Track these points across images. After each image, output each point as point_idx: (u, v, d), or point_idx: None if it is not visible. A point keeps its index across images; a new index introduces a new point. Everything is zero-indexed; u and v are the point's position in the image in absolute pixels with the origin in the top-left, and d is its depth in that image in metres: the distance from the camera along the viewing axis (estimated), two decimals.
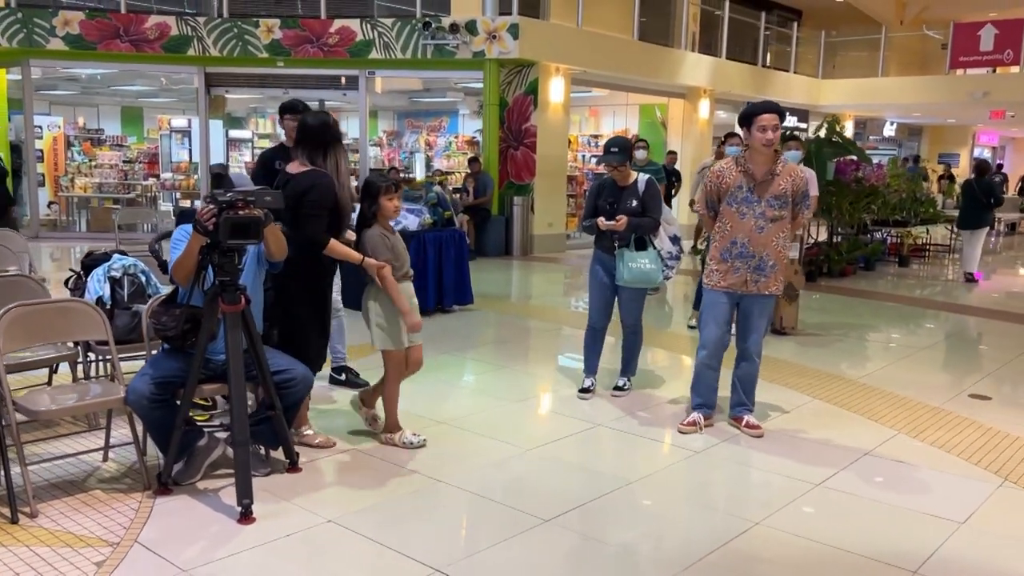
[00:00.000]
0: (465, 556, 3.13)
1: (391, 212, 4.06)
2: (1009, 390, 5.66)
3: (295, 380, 3.75)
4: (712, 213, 4.55)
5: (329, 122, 4.09)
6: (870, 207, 11.75)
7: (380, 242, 4.01)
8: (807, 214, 4.61)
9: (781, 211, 4.38)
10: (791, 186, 4.39)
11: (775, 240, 4.40)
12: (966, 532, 3.44)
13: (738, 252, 4.40)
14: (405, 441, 4.19)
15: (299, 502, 3.53)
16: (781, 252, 4.43)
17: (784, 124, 16.03)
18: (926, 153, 25.92)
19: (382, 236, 4.02)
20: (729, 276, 4.45)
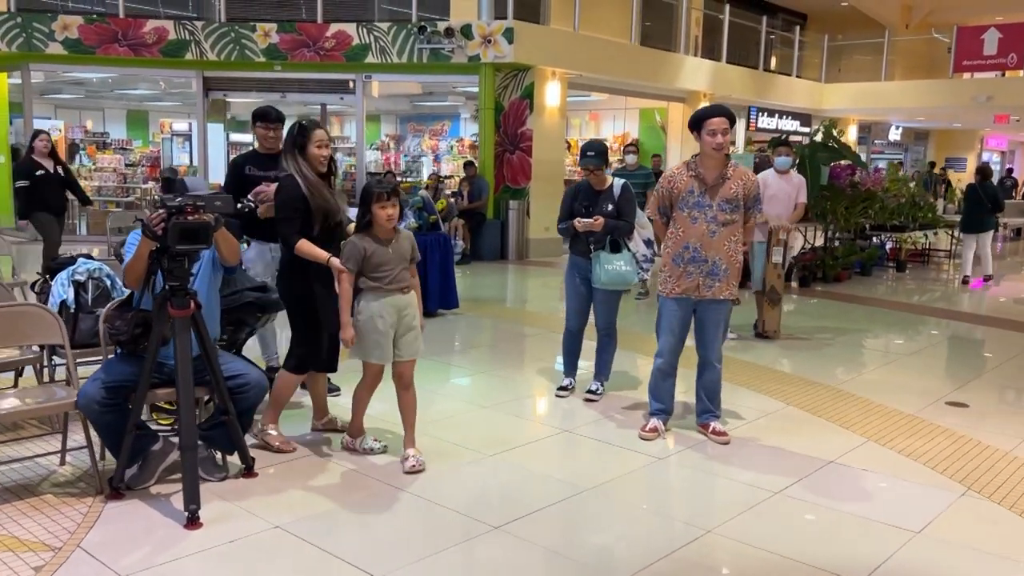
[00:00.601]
0: (408, 563, 3.11)
1: (383, 221, 3.84)
2: (987, 397, 5.60)
3: (249, 385, 3.74)
4: (665, 219, 4.54)
5: (293, 129, 4.12)
6: (867, 212, 11.68)
7: (351, 249, 3.88)
8: (758, 217, 4.58)
9: (732, 215, 4.36)
10: (742, 189, 4.37)
11: (727, 244, 4.37)
12: (920, 542, 3.40)
13: (690, 257, 4.38)
14: (365, 447, 4.14)
15: (249, 507, 3.52)
16: (733, 256, 4.41)
17: (786, 128, 15.92)
18: (933, 157, 25.75)
19: (355, 243, 3.87)
20: (682, 281, 4.42)
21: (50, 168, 8.43)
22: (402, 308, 3.93)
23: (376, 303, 3.87)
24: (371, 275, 3.86)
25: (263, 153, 5.06)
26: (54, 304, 4.24)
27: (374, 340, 3.88)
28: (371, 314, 3.87)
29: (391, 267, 3.88)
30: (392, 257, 3.89)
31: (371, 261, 3.85)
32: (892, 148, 25.43)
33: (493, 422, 4.87)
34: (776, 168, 7.35)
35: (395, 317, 3.90)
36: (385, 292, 3.87)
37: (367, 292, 3.88)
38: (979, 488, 3.96)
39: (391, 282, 3.88)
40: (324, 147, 4.07)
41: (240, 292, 4.37)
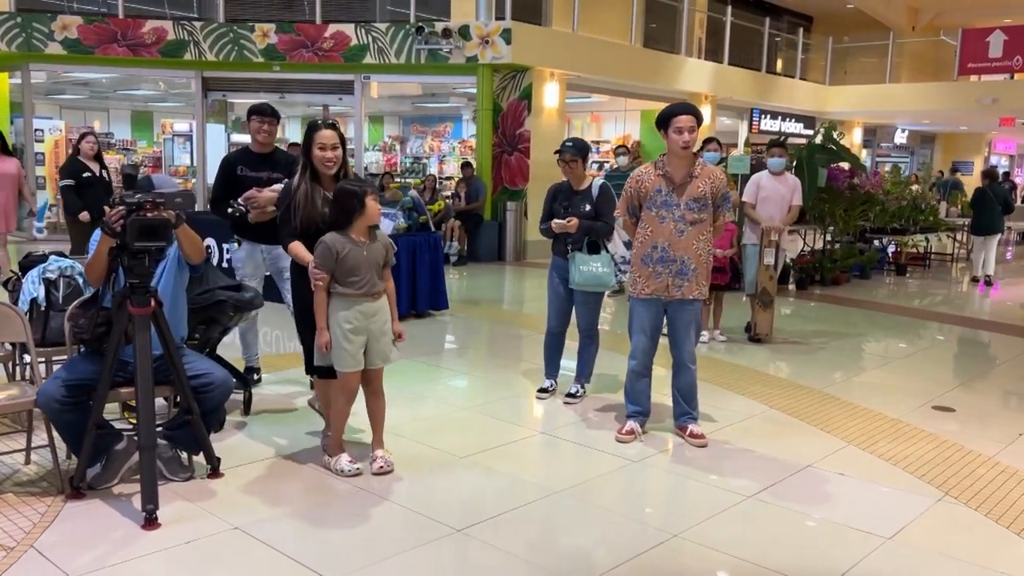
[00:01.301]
0: (363, 566, 3.06)
1: (375, 214, 3.72)
2: (975, 402, 5.52)
3: (214, 384, 3.70)
4: (634, 219, 4.48)
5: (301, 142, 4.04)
6: (866, 215, 11.59)
7: (322, 251, 3.67)
8: (727, 215, 4.51)
9: (700, 214, 4.30)
10: (710, 188, 4.31)
11: (695, 243, 4.32)
12: (890, 548, 3.33)
13: (659, 257, 4.33)
14: (339, 468, 3.85)
15: (210, 508, 3.48)
16: (702, 256, 4.35)
17: (789, 130, 15.80)
18: (939, 161, 25.59)
19: (328, 244, 3.66)
20: (651, 282, 4.37)
21: (96, 171, 8.05)
22: (371, 314, 3.77)
23: (345, 311, 3.71)
24: (342, 280, 3.68)
25: (256, 152, 4.99)
26: (24, 302, 4.22)
27: (343, 348, 3.72)
28: (339, 321, 3.71)
29: (363, 272, 3.70)
30: (366, 261, 3.70)
31: (344, 264, 3.66)
32: (898, 151, 25.26)
33: (470, 424, 4.82)
34: (770, 169, 7.27)
35: (364, 323, 3.74)
36: (355, 299, 3.71)
37: (336, 298, 3.72)
38: (957, 494, 3.89)
39: (361, 287, 3.71)
40: (327, 149, 3.81)
41: (212, 291, 4.34)
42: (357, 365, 3.78)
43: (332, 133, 3.82)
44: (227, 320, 4.46)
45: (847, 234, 11.72)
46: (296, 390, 5.26)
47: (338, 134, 3.86)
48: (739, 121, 18.14)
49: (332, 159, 3.82)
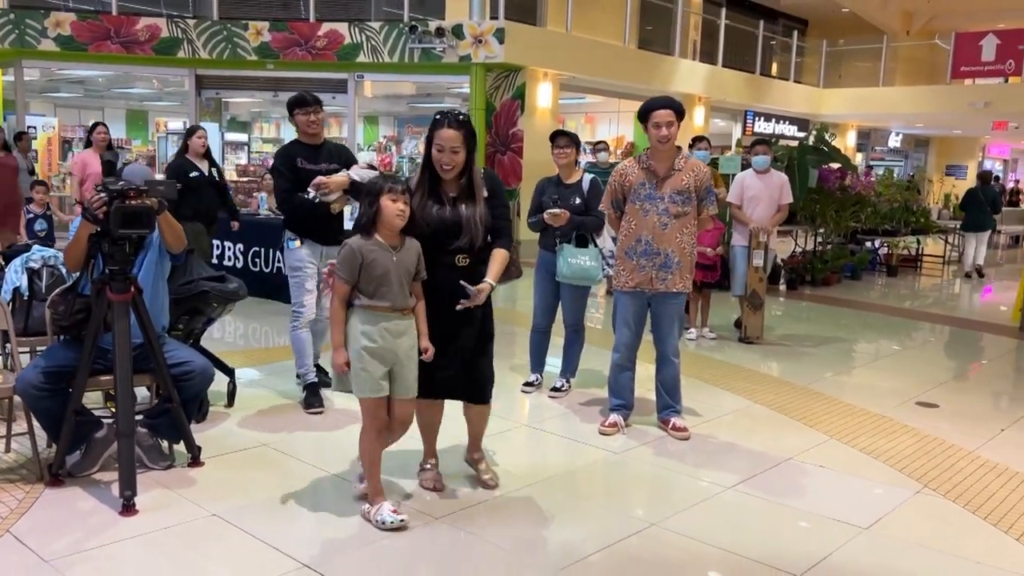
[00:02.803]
0: (339, 551, 3.07)
1: (392, 216, 3.15)
2: (958, 398, 5.53)
3: (193, 373, 3.71)
4: (618, 212, 4.50)
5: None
6: (858, 216, 11.62)
7: (346, 254, 3.18)
8: (711, 209, 4.53)
9: (684, 207, 4.32)
10: (693, 181, 4.33)
11: (679, 236, 4.33)
12: (866, 537, 3.34)
13: (643, 250, 4.34)
14: (379, 520, 3.23)
15: (189, 495, 3.48)
16: (686, 249, 4.36)
17: (782, 132, 15.85)
18: (933, 165, 25.65)
19: (352, 247, 3.18)
20: (635, 275, 4.39)
21: (204, 170, 7.02)
22: (399, 334, 3.22)
23: (367, 326, 3.18)
24: (366, 290, 3.18)
25: (307, 143, 4.75)
26: (7, 291, 4.22)
27: (362, 370, 3.18)
28: (359, 338, 3.17)
29: (391, 282, 3.18)
30: (394, 269, 3.18)
31: (369, 272, 3.16)
32: (892, 155, 25.32)
33: (452, 416, 4.81)
34: (755, 168, 7.26)
35: (389, 343, 3.20)
36: (380, 314, 3.18)
37: (357, 311, 3.20)
38: (936, 486, 3.90)
39: (389, 300, 3.18)
40: (445, 152, 3.26)
41: (195, 281, 4.34)
42: (380, 390, 3.22)
43: (455, 134, 3.25)
44: (211, 311, 4.46)
45: (838, 235, 11.75)
46: (281, 384, 5.26)
47: (463, 133, 3.26)
48: (733, 123, 18.18)
49: (449, 163, 3.28)
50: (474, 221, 3.33)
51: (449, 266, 3.35)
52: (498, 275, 3.42)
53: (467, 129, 3.29)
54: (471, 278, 3.34)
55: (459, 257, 3.35)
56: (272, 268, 8.03)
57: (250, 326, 7.15)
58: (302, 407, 4.77)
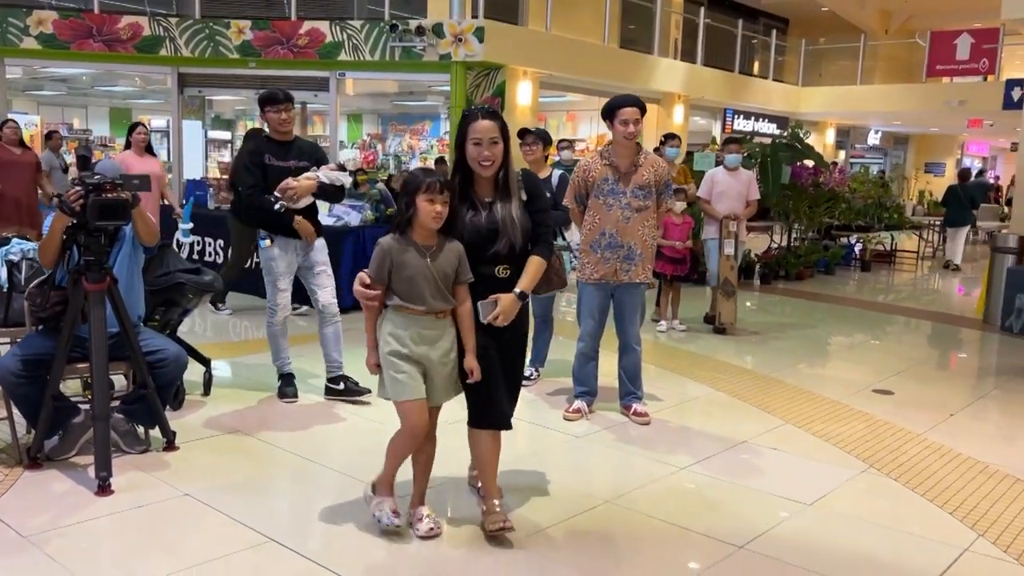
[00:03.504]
0: (304, 526, 3.23)
1: (428, 219, 2.93)
2: (913, 386, 5.73)
3: (167, 360, 3.85)
4: (581, 207, 4.67)
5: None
6: (831, 211, 11.85)
7: (377, 253, 3.02)
8: (671, 202, 4.70)
9: (646, 201, 4.50)
10: (654, 176, 4.51)
11: (641, 230, 4.51)
12: (808, 512, 3.52)
13: (607, 243, 4.51)
14: (376, 516, 3.19)
15: (163, 477, 3.63)
16: (647, 241, 4.54)
17: (762, 130, 16.03)
18: (912, 162, 25.96)
19: (384, 246, 3.01)
20: (600, 267, 4.56)
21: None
22: (432, 340, 3.04)
23: (398, 329, 3.03)
24: (399, 290, 3.00)
25: (278, 139, 4.71)
26: None
27: (397, 372, 3.02)
28: (389, 339, 3.03)
29: (423, 285, 2.98)
30: (430, 271, 2.98)
31: (401, 272, 2.98)
32: (872, 152, 25.61)
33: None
34: (726, 165, 7.46)
35: (422, 349, 3.03)
36: (412, 316, 3.02)
37: (390, 311, 3.06)
38: (880, 466, 4.09)
39: (420, 302, 2.99)
40: (483, 145, 3.01)
41: (171, 273, 4.48)
42: (417, 392, 3.03)
43: (491, 124, 3.01)
44: (186, 302, 4.60)
45: (812, 231, 11.97)
46: (256, 375, 5.39)
47: (499, 124, 3.04)
48: (712, 121, 18.38)
49: (490, 158, 3.00)
50: (511, 221, 3.04)
51: (489, 278, 3.07)
52: (531, 284, 3.12)
53: (501, 121, 3.07)
54: (511, 290, 3.09)
55: (499, 268, 3.07)
56: (250, 263, 8.15)
57: (227, 318, 7.28)
58: (277, 396, 4.90)
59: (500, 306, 3.03)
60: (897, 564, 3.09)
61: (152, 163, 7.73)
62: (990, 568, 3.09)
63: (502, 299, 3.04)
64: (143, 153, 7.70)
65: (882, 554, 3.18)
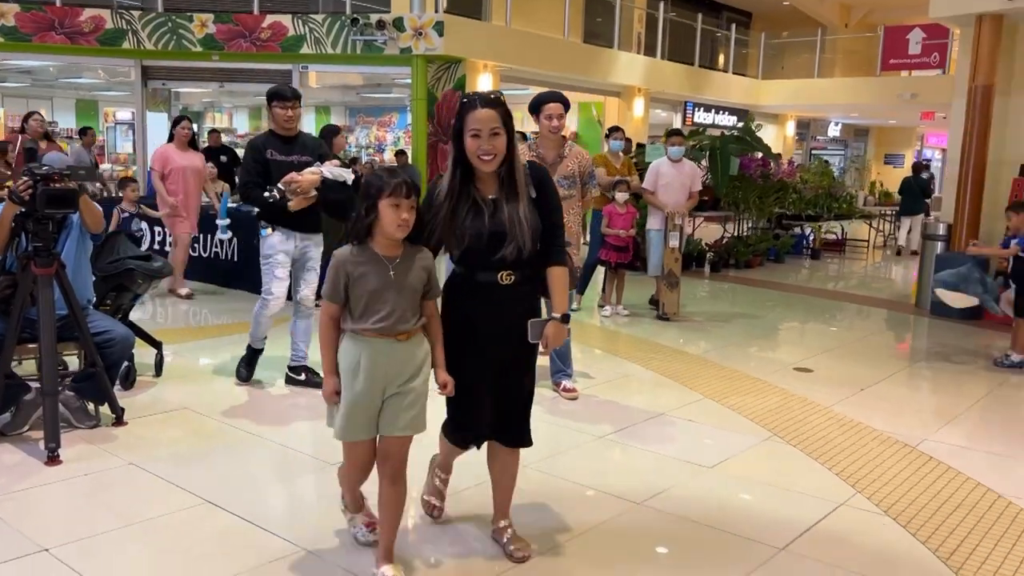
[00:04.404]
0: (243, 489, 3.50)
1: (392, 227, 2.58)
2: (834, 364, 6.09)
3: (114, 340, 4.11)
4: None
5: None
6: (781, 201, 12.24)
7: (332, 269, 2.65)
8: (594, 191, 5.01)
9: (571, 190, 4.80)
10: (578, 167, 4.82)
11: (567, 217, 4.78)
12: (709, 474, 3.85)
13: None
14: (353, 531, 3.07)
15: (110, 449, 3.88)
16: (573, 228, 4.84)
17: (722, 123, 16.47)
18: (872, 154, 26.54)
19: (340, 261, 2.64)
20: None
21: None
22: (398, 362, 2.67)
23: (353, 354, 2.67)
24: (354, 310, 2.65)
25: (282, 135, 4.78)
26: None
27: (347, 408, 2.68)
28: (345, 371, 2.69)
29: (388, 302, 2.62)
30: (394, 285, 2.63)
31: (357, 289, 2.62)
32: (834, 144, 26.14)
33: None
34: (669, 157, 7.77)
35: (381, 372, 2.66)
36: (369, 339, 2.65)
37: (347, 336, 2.70)
38: (783, 435, 4.43)
39: (381, 321, 2.63)
40: (483, 137, 2.68)
41: (121, 260, 4.72)
42: (363, 433, 2.72)
43: (492, 113, 2.68)
44: (136, 287, 4.84)
45: (763, 220, 12.35)
46: (208, 357, 5.63)
47: (500, 113, 2.70)
48: (673, 113, 18.74)
49: (491, 152, 2.68)
50: (519, 222, 2.71)
51: (490, 286, 2.78)
52: (565, 303, 2.86)
53: (503, 108, 2.71)
54: (518, 300, 2.81)
55: (503, 274, 2.76)
56: (209, 253, 8.37)
57: (185, 306, 7.50)
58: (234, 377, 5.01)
59: (549, 337, 2.79)
60: (777, 516, 3.42)
61: (194, 157, 7.76)
62: (859, 518, 3.43)
63: (549, 329, 2.79)
64: (186, 148, 7.70)
65: (766, 508, 3.51)
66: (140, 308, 6.49)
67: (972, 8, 8.07)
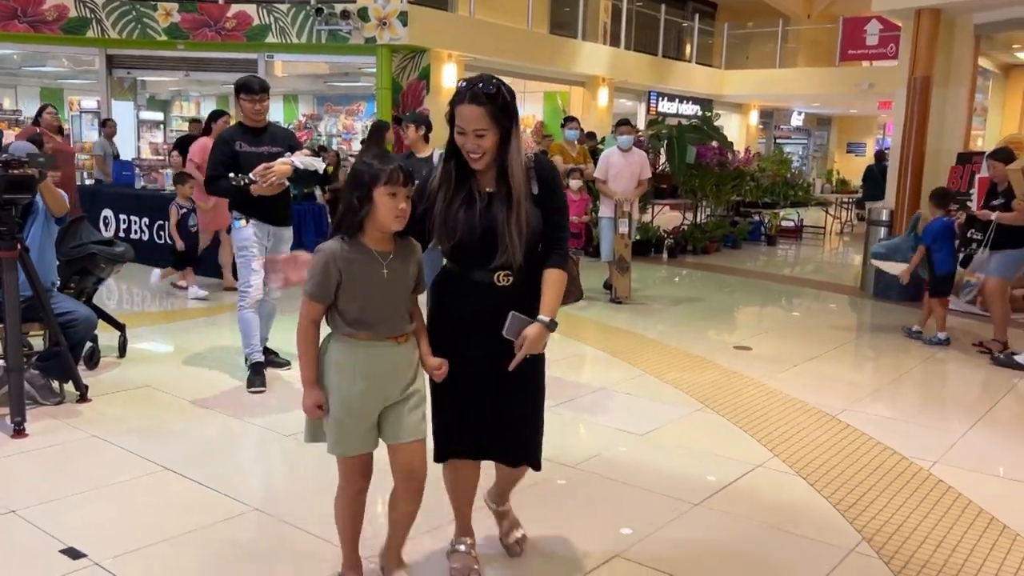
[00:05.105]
0: (197, 455, 3.73)
1: (389, 218, 2.36)
2: (772, 343, 6.42)
3: (78, 320, 4.31)
4: None
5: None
6: (738, 189, 12.59)
7: (319, 263, 2.37)
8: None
9: None
10: None
11: None
12: (639, 440, 4.14)
13: None
14: None
15: (75, 423, 4.09)
16: None
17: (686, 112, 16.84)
18: (835, 142, 27.07)
19: (328, 255, 2.37)
20: None
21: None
22: (395, 366, 2.46)
23: (347, 361, 2.43)
24: (348, 312, 2.41)
25: (251, 126, 4.81)
26: None
27: (340, 421, 2.44)
28: (337, 380, 2.43)
29: (386, 302, 2.43)
30: (388, 283, 2.42)
31: (352, 288, 2.38)
32: (797, 133, 26.63)
33: None
34: (619, 147, 8.04)
35: (382, 380, 2.45)
36: (366, 343, 2.42)
37: (336, 340, 2.46)
38: (714, 406, 4.73)
39: (377, 325, 2.42)
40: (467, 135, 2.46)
41: (84, 244, 4.90)
42: (365, 446, 2.50)
43: (477, 113, 2.43)
44: (99, 271, 5.03)
45: (721, 208, 12.70)
46: (172, 339, 5.83)
47: (488, 109, 2.43)
48: (638, 103, 19.05)
49: (476, 151, 2.47)
50: (509, 229, 2.47)
51: (485, 287, 2.55)
52: (555, 307, 2.59)
53: (494, 104, 2.43)
54: (515, 304, 2.52)
55: (499, 275, 2.54)
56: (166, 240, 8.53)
57: (150, 292, 7.68)
58: (245, 386, 4.76)
59: (528, 339, 2.48)
60: (697, 476, 3.72)
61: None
62: (772, 478, 3.73)
63: (529, 332, 2.49)
64: None
65: (688, 470, 3.80)
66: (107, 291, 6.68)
67: (911, 2, 8.41)
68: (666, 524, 3.24)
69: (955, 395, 5.57)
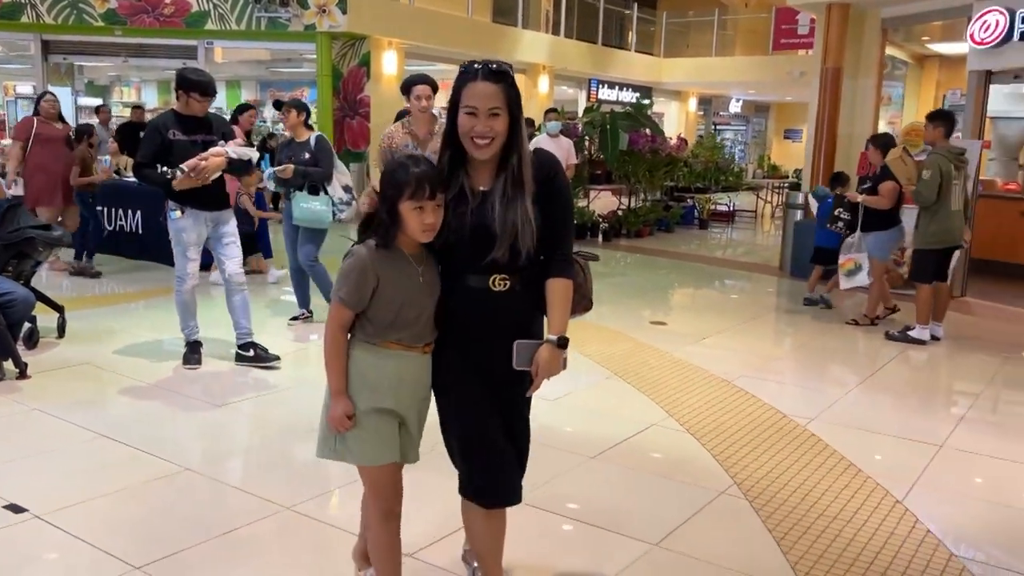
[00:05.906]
0: (132, 426, 4.01)
1: (417, 231, 2.23)
2: (687, 318, 6.89)
3: (16, 300, 4.53)
4: None
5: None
6: (671, 175, 13.07)
7: (352, 269, 2.25)
8: None
9: None
10: None
11: None
12: (548, 405, 4.48)
13: None
14: None
15: (15, 398, 4.32)
16: None
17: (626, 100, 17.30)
18: (773, 129, 27.86)
19: (364, 261, 2.24)
20: None
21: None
22: (423, 377, 2.36)
23: (375, 369, 2.29)
24: (381, 320, 2.28)
25: (187, 115, 4.78)
26: None
27: (370, 426, 2.29)
28: (361, 388, 2.29)
29: (420, 309, 2.30)
30: (422, 289, 2.30)
31: (387, 295, 2.26)
32: (736, 120, 27.34)
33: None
34: (548, 133, 8.43)
35: (412, 388, 2.35)
36: (395, 351, 2.30)
37: (359, 348, 2.31)
38: (622, 374, 5.13)
39: (411, 334, 2.31)
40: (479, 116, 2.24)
41: (22, 229, 5.09)
42: (395, 452, 2.36)
43: (493, 89, 2.23)
44: (37, 255, 5.22)
45: (655, 192, 13.17)
46: (109, 321, 6.04)
47: (505, 89, 2.24)
48: (579, 90, 19.44)
49: (486, 135, 2.24)
50: (509, 227, 2.25)
51: (480, 292, 2.32)
52: (564, 324, 2.40)
53: (508, 83, 2.26)
54: (514, 311, 2.36)
55: (495, 279, 2.32)
56: (115, 226, 8.67)
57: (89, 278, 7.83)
58: (182, 363, 4.96)
59: (540, 364, 2.34)
60: (596, 434, 4.11)
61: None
62: (664, 434, 4.15)
63: (540, 357, 2.33)
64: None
65: (588, 429, 4.20)
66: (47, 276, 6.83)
67: None
68: (563, 474, 3.63)
69: (845, 362, 6.07)
